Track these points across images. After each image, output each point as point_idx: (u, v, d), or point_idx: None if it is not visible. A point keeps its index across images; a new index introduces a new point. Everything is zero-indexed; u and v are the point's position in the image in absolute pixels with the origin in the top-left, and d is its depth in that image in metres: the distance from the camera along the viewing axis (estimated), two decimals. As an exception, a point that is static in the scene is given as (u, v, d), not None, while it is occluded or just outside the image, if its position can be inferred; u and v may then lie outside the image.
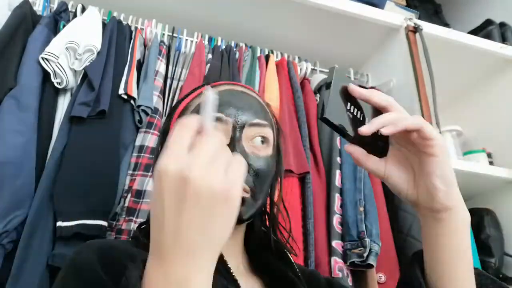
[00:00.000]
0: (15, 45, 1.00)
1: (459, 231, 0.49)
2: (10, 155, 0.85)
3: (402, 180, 0.51)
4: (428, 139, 0.47)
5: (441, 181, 0.47)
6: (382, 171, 0.51)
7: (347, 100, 0.50)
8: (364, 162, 0.50)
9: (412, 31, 1.37)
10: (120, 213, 0.92)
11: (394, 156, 0.51)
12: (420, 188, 0.49)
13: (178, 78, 1.21)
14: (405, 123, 0.46)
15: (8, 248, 0.81)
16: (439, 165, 0.47)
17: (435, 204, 0.48)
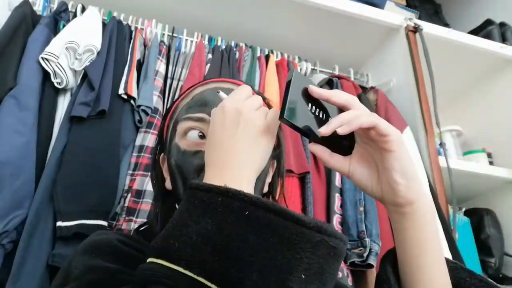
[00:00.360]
0: (15, 45, 1.00)
1: (423, 224, 0.49)
2: (10, 155, 0.85)
3: (365, 177, 0.51)
4: (384, 135, 0.47)
5: (400, 176, 0.48)
6: (346, 169, 0.51)
7: (309, 101, 0.50)
8: (328, 160, 0.51)
9: (412, 31, 1.37)
10: (120, 213, 0.92)
11: (358, 154, 0.52)
12: (383, 184, 0.50)
13: (178, 78, 1.21)
14: (359, 121, 0.46)
15: (8, 248, 0.81)
16: (397, 160, 0.47)
17: (398, 199, 0.49)
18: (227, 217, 0.37)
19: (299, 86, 0.50)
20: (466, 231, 1.29)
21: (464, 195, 1.44)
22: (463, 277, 0.53)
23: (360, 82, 1.46)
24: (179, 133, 0.60)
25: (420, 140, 1.21)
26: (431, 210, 0.51)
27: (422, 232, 0.50)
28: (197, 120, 0.58)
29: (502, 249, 1.30)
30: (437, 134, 1.27)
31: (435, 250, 0.50)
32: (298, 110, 0.49)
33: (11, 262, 0.79)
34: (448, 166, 1.19)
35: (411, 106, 1.25)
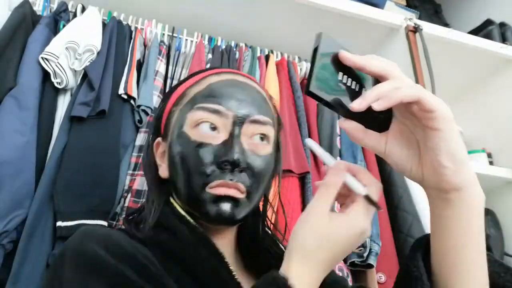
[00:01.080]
0: (15, 45, 1.00)
1: (470, 214, 0.44)
2: (10, 155, 0.85)
3: (404, 158, 0.45)
4: (429, 111, 0.41)
5: (447, 158, 0.41)
6: (382, 148, 0.45)
7: (340, 69, 0.43)
8: (361, 138, 0.45)
9: (412, 31, 1.37)
10: (120, 213, 0.92)
11: (396, 131, 0.46)
12: (426, 166, 0.44)
13: (178, 78, 1.21)
14: (399, 95, 0.40)
15: (8, 248, 0.81)
16: (444, 140, 0.41)
17: (442, 184, 0.43)
18: None
19: (327, 52, 0.43)
20: (466, 231, 1.29)
21: (464, 195, 1.44)
22: (497, 271, 0.49)
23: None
24: (190, 122, 0.56)
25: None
26: (480, 200, 0.44)
27: (468, 223, 0.44)
28: (213, 112, 0.55)
29: (502, 249, 1.30)
30: (437, 134, 1.27)
31: (479, 244, 0.45)
32: (327, 80, 0.42)
33: (11, 262, 0.79)
34: (448, 166, 1.19)
35: (411, 106, 1.25)
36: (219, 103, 0.55)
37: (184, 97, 0.60)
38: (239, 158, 0.52)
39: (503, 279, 0.48)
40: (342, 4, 1.34)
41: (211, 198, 0.52)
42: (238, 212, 0.53)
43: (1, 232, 0.80)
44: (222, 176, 0.52)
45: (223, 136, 0.55)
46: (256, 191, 0.55)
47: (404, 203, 1.10)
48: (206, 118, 0.55)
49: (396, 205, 1.11)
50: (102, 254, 0.43)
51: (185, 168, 0.54)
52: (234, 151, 0.52)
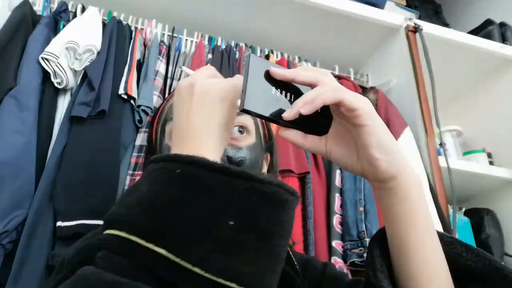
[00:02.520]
0: (15, 45, 1.00)
1: (409, 197, 0.46)
2: (10, 155, 0.85)
3: (344, 155, 0.48)
4: (352, 110, 0.43)
5: (378, 151, 0.44)
6: (323, 149, 0.49)
7: (273, 84, 0.46)
8: (302, 143, 0.48)
9: (412, 31, 1.37)
10: (120, 213, 0.92)
11: (334, 132, 0.49)
12: (363, 160, 0.47)
13: (178, 78, 1.21)
14: (322, 98, 0.43)
15: (8, 248, 0.81)
16: (371, 134, 0.44)
17: (379, 175, 0.46)
18: (161, 178, 0.38)
19: (259, 70, 0.46)
20: (466, 231, 1.29)
21: (464, 195, 1.44)
22: (459, 252, 0.50)
23: (360, 82, 1.46)
24: (167, 133, 0.60)
25: (420, 140, 1.21)
26: (416, 182, 0.47)
27: (408, 206, 0.46)
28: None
29: (502, 249, 1.30)
30: (437, 134, 1.27)
31: (424, 224, 0.47)
32: (262, 96, 0.45)
33: (11, 262, 0.79)
34: (448, 166, 1.19)
35: (411, 106, 1.25)
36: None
37: (162, 113, 0.64)
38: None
39: (465, 258, 0.49)
40: (342, 4, 1.34)
41: None
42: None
43: (1, 232, 0.79)
44: None
45: None
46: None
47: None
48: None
49: (396, 205, 1.11)
50: None
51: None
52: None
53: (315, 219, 1.02)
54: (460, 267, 0.49)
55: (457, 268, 0.49)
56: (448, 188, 1.16)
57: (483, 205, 1.40)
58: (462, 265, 0.49)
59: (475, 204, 1.43)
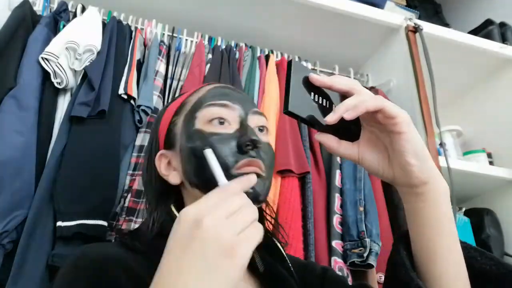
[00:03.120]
0: (15, 45, 1.00)
1: (438, 202, 0.49)
2: (10, 155, 0.85)
3: (376, 161, 0.51)
4: (391, 118, 0.47)
5: (413, 157, 0.47)
6: (356, 155, 0.51)
7: (311, 90, 0.50)
8: (337, 148, 0.51)
9: (412, 31, 1.37)
10: (120, 213, 0.92)
11: (366, 139, 0.52)
12: (395, 166, 0.49)
13: (178, 78, 1.21)
14: (365, 105, 0.46)
15: (8, 248, 0.81)
16: (408, 142, 0.47)
17: (411, 180, 0.48)
18: None
19: (299, 76, 0.49)
20: (466, 231, 1.29)
21: (464, 195, 1.44)
22: (474, 256, 0.53)
23: (360, 82, 1.46)
24: (202, 119, 0.59)
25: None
26: (445, 189, 0.50)
27: (437, 211, 0.49)
28: (222, 106, 0.59)
29: (502, 249, 1.30)
30: (437, 134, 1.27)
31: (450, 229, 0.50)
32: (301, 100, 0.48)
33: (11, 262, 0.79)
34: (448, 166, 1.19)
35: (411, 106, 1.25)
36: (225, 99, 0.60)
37: (185, 105, 0.64)
38: (257, 137, 0.56)
39: (480, 262, 0.52)
40: (342, 4, 1.34)
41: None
42: (262, 190, 0.56)
43: (1, 232, 0.80)
44: (245, 157, 0.56)
45: (234, 126, 0.59)
46: (270, 174, 0.59)
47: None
48: (217, 113, 0.59)
49: (396, 205, 1.11)
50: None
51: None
52: (251, 133, 0.56)
53: (315, 219, 1.02)
54: (476, 271, 0.51)
55: (473, 272, 0.51)
56: (448, 188, 1.16)
57: (483, 205, 1.40)
58: (478, 268, 0.52)
59: (475, 204, 1.43)
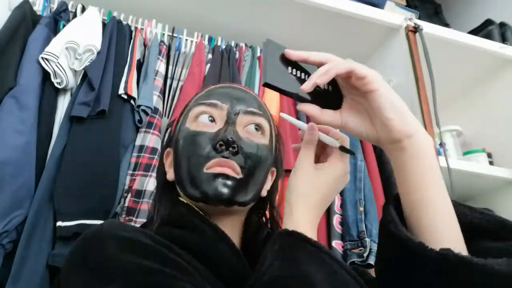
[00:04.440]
0: (15, 45, 1.00)
1: (423, 154, 0.49)
2: (10, 155, 0.85)
3: (358, 124, 0.52)
4: (362, 78, 0.48)
5: (391, 111, 0.48)
6: (339, 121, 0.53)
7: (288, 65, 0.51)
8: (320, 116, 0.52)
9: (412, 31, 1.37)
10: (120, 213, 0.92)
11: (347, 105, 0.53)
12: (377, 125, 0.50)
13: (178, 78, 1.21)
14: (336, 69, 0.48)
15: (8, 248, 0.81)
16: (382, 97, 0.48)
17: (394, 134, 0.49)
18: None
19: (275, 53, 0.51)
20: (466, 231, 1.29)
21: (464, 195, 1.44)
22: (463, 212, 0.53)
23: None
24: (190, 118, 0.62)
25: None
26: (429, 142, 0.50)
27: (422, 162, 0.49)
28: (209, 105, 0.61)
29: (502, 249, 1.30)
30: (437, 134, 1.27)
31: (436, 180, 0.50)
32: (280, 74, 0.50)
33: (11, 262, 0.79)
34: (448, 166, 1.19)
35: (411, 106, 1.25)
36: (216, 99, 0.62)
37: (187, 105, 0.67)
38: (232, 137, 0.57)
39: (470, 217, 0.53)
40: (342, 4, 1.34)
41: (208, 177, 0.56)
42: (235, 192, 0.57)
43: (1, 232, 0.80)
44: (217, 156, 0.57)
45: (219, 125, 0.60)
46: (252, 175, 0.59)
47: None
48: (204, 110, 0.61)
49: (396, 205, 1.11)
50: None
51: (185, 155, 0.59)
52: (228, 133, 0.57)
53: (315, 219, 1.02)
54: (466, 226, 0.51)
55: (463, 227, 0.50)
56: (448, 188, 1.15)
57: (483, 205, 1.40)
58: (467, 223, 0.51)
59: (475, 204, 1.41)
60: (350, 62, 0.49)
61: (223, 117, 0.60)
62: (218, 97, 0.62)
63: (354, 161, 1.11)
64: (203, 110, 0.61)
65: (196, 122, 0.61)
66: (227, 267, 0.54)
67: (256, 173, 0.59)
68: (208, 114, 0.61)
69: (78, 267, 0.47)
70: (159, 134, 1.02)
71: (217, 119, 0.61)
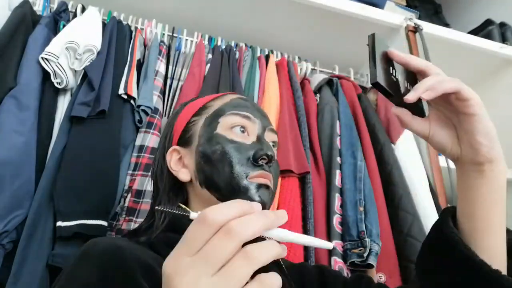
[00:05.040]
0: (15, 45, 1.00)
1: (498, 180, 0.52)
2: (10, 155, 0.85)
3: (446, 138, 0.54)
4: (466, 100, 0.49)
5: (484, 137, 0.50)
6: (426, 131, 0.54)
7: (389, 65, 0.52)
8: (410, 123, 0.53)
9: (412, 31, 1.37)
10: (120, 213, 0.92)
11: (435, 116, 0.55)
12: (464, 144, 0.52)
13: (178, 78, 1.21)
14: (444, 87, 0.49)
15: (8, 248, 0.81)
16: (480, 122, 0.50)
17: (479, 158, 0.51)
18: None
19: (380, 49, 0.51)
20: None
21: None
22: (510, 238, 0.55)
23: (360, 82, 1.46)
24: (225, 125, 0.64)
25: (420, 140, 1.21)
26: (505, 170, 0.53)
27: (495, 188, 0.52)
28: (244, 117, 0.64)
29: (502, 249, 1.30)
30: (437, 134, 1.27)
31: (503, 207, 0.53)
32: (384, 74, 0.50)
33: (11, 262, 0.79)
34: (448, 166, 1.19)
35: (411, 106, 1.25)
36: (249, 112, 0.65)
37: (207, 108, 0.67)
38: (272, 154, 0.61)
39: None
40: (342, 4, 1.34)
41: (253, 186, 0.60)
42: (268, 200, 0.61)
43: (1, 232, 0.79)
44: (258, 169, 0.61)
45: (252, 138, 0.64)
46: (275, 184, 0.64)
47: (404, 203, 1.10)
48: (239, 122, 0.64)
49: (396, 205, 1.11)
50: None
51: (227, 162, 0.61)
52: (269, 149, 0.62)
53: (315, 219, 1.02)
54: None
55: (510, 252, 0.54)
56: (448, 188, 1.16)
57: (483, 205, 1.40)
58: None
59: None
60: (457, 81, 0.49)
61: (254, 131, 0.64)
62: (249, 110, 0.65)
63: (354, 161, 1.11)
64: (238, 121, 0.64)
65: (232, 131, 0.63)
66: None
67: (276, 184, 0.65)
68: (241, 125, 0.64)
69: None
70: (159, 134, 1.02)
71: (249, 131, 0.64)
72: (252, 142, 0.63)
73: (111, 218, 0.91)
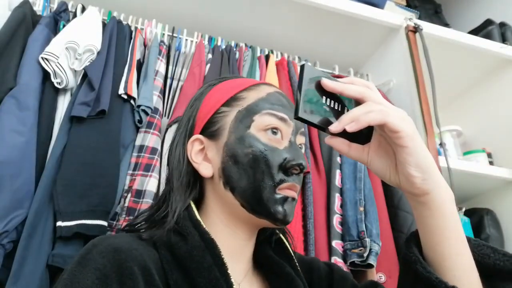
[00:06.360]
0: (15, 45, 1.00)
1: (442, 210, 0.50)
2: (10, 155, 0.85)
3: (384, 166, 0.52)
4: (395, 132, 0.48)
5: (415, 169, 0.48)
6: (365, 158, 0.53)
7: (323, 94, 0.50)
8: (347, 151, 0.52)
9: (412, 31, 1.37)
10: (120, 213, 0.92)
11: (376, 142, 0.53)
12: (400, 174, 0.51)
13: (178, 78, 1.21)
14: (368, 119, 0.47)
15: (8, 248, 0.81)
16: (410, 155, 0.48)
17: (414, 190, 0.50)
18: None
19: (311, 80, 0.50)
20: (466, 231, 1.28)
21: (464, 195, 1.44)
22: (487, 253, 0.54)
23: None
24: (259, 125, 0.59)
25: (420, 140, 1.21)
26: (449, 197, 0.51)
27: (441, 221, 0.51)
28: (280, 119, 0.59)
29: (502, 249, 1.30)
30: (437, 134, 1.27)
31: (455, 236, 0.51)
32: (313, 105, 0.49)
33: (11, 262, 0.79)
34: (448, 166, 1.19)
35: (411, 106, 1.25)
36: (284, 112, 0.60)
37: (239, 99, 0.61)
38: (304, 162, 0.59)
39: (493, 259, 0.54)
40: (342, 4, 1.34)
41: (281, 199, 0.57)
42: (292, 212, 0.58)
43: (1, 232, 0.79)
44: (289, 179, 0.58)
45: (285, 142, 0.60)
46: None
47: (404, 203, 1.10)
48: (275, 124, 0.59)
49: (396, 205, 1.11)
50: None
51: (258, 170, 0.57)
52: (301, 158, 0.58)
53: (315, 219, 1.02)
54: (489, 268, 0.53)
55: (486, 268, 0.53)
56: (448, 188, 1.16)
57: (483, 205, 1.40)
58: (491, 265, 0.53)
59: (475, 204, 1.43)
60: (386, 112, 0.48)
61: (288, 135, 0.60)
62: (285, 111, 0.60)
63: (354, 161, 1.11)
64: (274, 123, 0.59)
65: (266, 133, 0.58)
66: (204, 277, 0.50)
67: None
68: (276, 127, 0.59)
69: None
70: (159, 134, 1.02)
71: (283, 134, 0.59)
72: (284, 147, 0.59)
73: (111, 218, 0.91)
